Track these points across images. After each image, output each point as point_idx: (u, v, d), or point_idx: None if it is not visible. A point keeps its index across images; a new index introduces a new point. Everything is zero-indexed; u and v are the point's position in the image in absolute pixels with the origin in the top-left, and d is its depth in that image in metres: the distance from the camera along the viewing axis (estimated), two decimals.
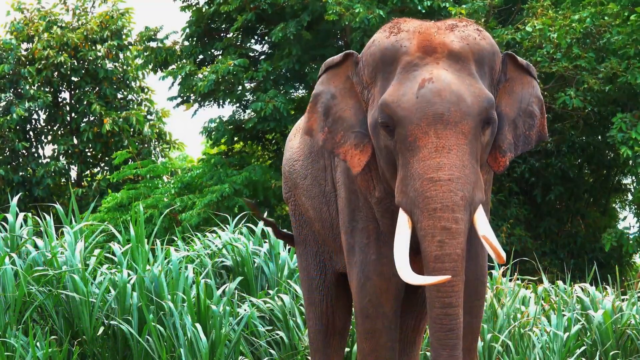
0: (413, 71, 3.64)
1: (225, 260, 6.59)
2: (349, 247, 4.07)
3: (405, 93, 3.61)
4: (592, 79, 10.76)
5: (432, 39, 3.68)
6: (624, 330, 6.46)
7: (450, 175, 3.53)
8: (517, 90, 3.87)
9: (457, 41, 3.67)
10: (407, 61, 3.66)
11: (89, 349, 5.53)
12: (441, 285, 3.53)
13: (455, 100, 3.56)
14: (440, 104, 3.56)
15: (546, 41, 10.83)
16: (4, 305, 5.44)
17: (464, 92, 3.58)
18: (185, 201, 12.43)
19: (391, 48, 3.71)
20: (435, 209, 3.52)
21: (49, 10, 15.98)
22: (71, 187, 9.88)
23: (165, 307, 5.57)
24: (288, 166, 4.70)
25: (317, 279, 4.64)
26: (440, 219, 3.52)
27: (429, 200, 3.53)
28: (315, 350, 4.72)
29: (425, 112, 3.56)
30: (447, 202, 3.52)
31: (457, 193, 3.53)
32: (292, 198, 4.73)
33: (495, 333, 6.01)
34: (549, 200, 12.68)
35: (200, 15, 13.53)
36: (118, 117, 15.14)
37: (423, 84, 3.59)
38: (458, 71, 3.63)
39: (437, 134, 3.55)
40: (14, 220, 6.09)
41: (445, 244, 3.52)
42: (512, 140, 3.84)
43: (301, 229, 4.70)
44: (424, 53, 3.66)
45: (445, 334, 3.57)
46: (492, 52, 3.75)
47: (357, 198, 4.02)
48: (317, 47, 12.89)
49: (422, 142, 3.56)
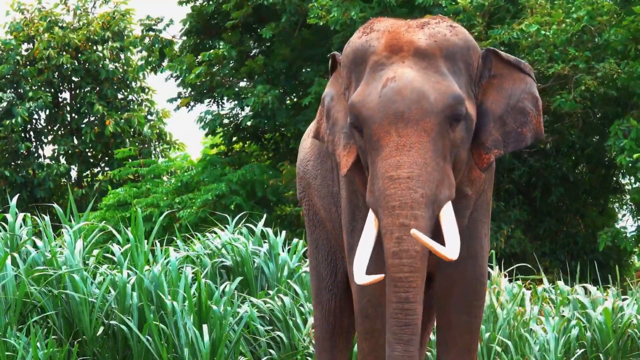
0: (380, 70, 3.65)
1: (225, 261, 6.59)
2: (349, 247, 4.08)
3: (370, 93, 3.62)
4: (589, 79, 10.75)
5: (400, 38, 3.67)
6: (625, 330, 6.46)
7: (409, 173, 3.53)
8: (507, 86, 3.84)
9: (424, 39, 3.66)
10: (375, 61, 3.67)
11: (89, 349, 5.54)
12: (398, 280, 3.53)
13: (416, 98, 3.56)
14: (401, 102, 3.56)
15: (542, 40, 10.83)
16: (4, 306, 5.44)
17: (427, 90, 3.57)
18: (184, 200, 12.44)
19: (361, 48, 3.73)
20: (394, 207, 3.53)
21: (49, 11, 15.98)
22: (70, 188, 9.86)
23: (168, 306, 5.57)
24: (302, 167, 4.71)
25: (327, 279, 4.63)
26: (399, 216, 3.52)
27: (389, 198, 3.54)
28: (321, 349, 4.72)
29: (386, 111, 3.57)
30: (405, 199, 3.52)
31: (416, 190, 3.52)
32: (306, 198, 4.74)
33: (493, 333, 6.01)
34: (548, 202, 12.68)
35: (200, 11, 13.55)
36: (120, 118, 15.15)
37: (386, 83, 3.59)
38: (424, 69, 3.61)
39: (399, 133, 3.56)
40: (14, 221, 6.09)
41: (403, 241, 3.52)
42: (500, 137, 3.81)
43: (314, 228, 4.71)
44: (390, 52, 3.66)
45: (400, 328, 3.56)
46: (465, 47, 3.71)
47: (357, 198, 4.02)
48: (309, 47, 12.94)
49: (385, 141, 3.58)
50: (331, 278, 4.60)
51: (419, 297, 3.57)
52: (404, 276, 3.53)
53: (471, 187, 3.94)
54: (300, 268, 6.58)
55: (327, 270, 4.65)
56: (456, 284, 3.97)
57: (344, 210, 4.13)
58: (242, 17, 12.81)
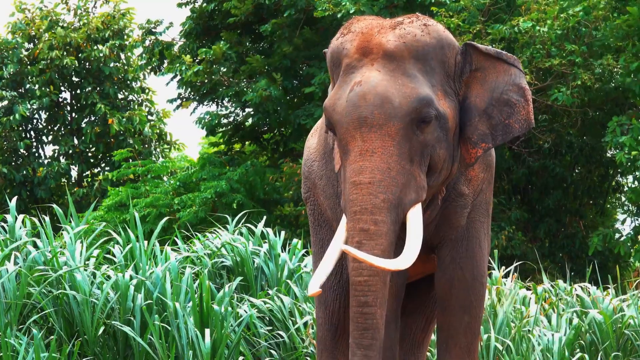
0: (351, 74, 3.67)
1: (225, 261, 6.60)
2: None
3: (339, 97, 3.65)
4: (586, 74, 10.75)
5: (371, 40, 3.68)
6: (623, 331, 6.47)
7: (371, 179, 3.55)
8: (490, 79, 3.83)
9: (392, 40, 3.65)
10: (347, 63, 3.69)
11: (89, 350, 5.54)
12: (357, 284, 3.55)
13: (379, 103, 3.56)
14: (365, 107, 3.57)
15: (537, 37, 10.83)
16: (5, 306, 5.45)
17: (392, 94, 3.57)
18: (184, 200, 12.44)
19: (337, 50, 3.75)
20: (355, 212, 3.56)
21: (50, 10, 16.00)
22: (69, 189, 9.88)
23: (170, 307, 5.57)
24: (307, 166, 4.71)
25: (332, 279, 4.63)
26: (359, 221, 3.55)
27: (351, 203, 3.58)
28: (323, 349, 4.71)
29: (351, 116, 3.59)
30: (365, 205, 3.54)
31: (377, 196, 3.54)
32: (312, 198, 4.74)
33: (493, 334, 6.01)
34: (547, 203, 12.68)
35: (199, 13, 13.56)
36: (122, 117, 15.16)
37: (353, 87, 3.61)
38: (392, 71, 3.61)
39: (363, 138, 3.58)
40: (14, 222, 6.10)
41: (362, 245, 3.54)
42: (487, 131, 3.80)
43: (319, 228, 4.71)
44: (361, 55, 3.67)
45: (360, 332, 3.58)
46: (438, 46, 3.70)
47: None
48: (312, 46, 12.93)
49: (351, 145, 3.61)
50: (336, 278, 4.61)
51: (379, 301, 3.58)
52: (362, 280, 3.55)
53: (468, 186, 3.94)
54: (300, 269, 6.58)
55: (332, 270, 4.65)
56: (456, 285, 3.98)
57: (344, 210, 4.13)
58: (243, 14, 12.80)
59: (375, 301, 3.57)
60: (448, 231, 3.95)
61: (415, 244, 3.55)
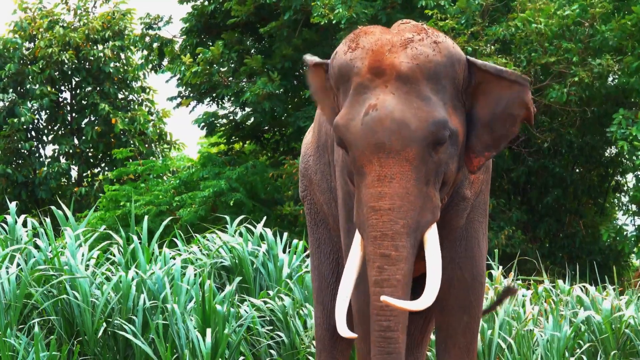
0: (363, 94, 3.64)
1: (224, 261, 6.61)
2: (346, 247, 4.08)
3: (353, 118, 3.63)
4: (583, 72, 10.74)
5: (383, 60, 3.65)
6: (623, 330, 6.48)
7: (391, 205, 3.57)
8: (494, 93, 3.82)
9: (406, 62, 3.63)
10: (358, 82, 3.66)
11: (89, 350, 5.55)
12: (379, 308, 3.59)
13: (397, 129, 3.56)
14: (382, 133, 3.57)
15: (533, 34, 10.82)
16: (5, 306, 5.46)
17: (409, 118, 3.57)
18: (184, 199, 12.45)
19: (346, 66, 3.72)
20: (376, 237, 3.58)
21: (50, 10, 16.01)
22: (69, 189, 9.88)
23: (169, 308, 5.58)
24: (303, 163, 4.72)
25: (329, 277, 4.64)
26: (380, 246, 3.58)
27: (371, 228, 3.59)
28: (321, 349, 4.72)
29: (368, 140, 3.59)
30: (386, 230, 3.57)
31: (397, 222, 3.57)
32: (309, 196, 4.74)
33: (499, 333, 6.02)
34: (547, 202, 12.68)
35: (200, 10, 13.56)
36: (124, 116, 15.17)
37: (368, 110, 3.60)
38: (406, 94, 3.61)
39: (380, 163, 3.59)
40: (14, 222, 6.11)
41: (384, 270, 3.57)
42: (490, 142, 3.82)
43: (316, 227, 4.71)
44: (373, 75, 3.64)
45: (382, 356, 3.62)
46: (449, 64, 3.69)
47: (351, 199, 4.03)
48: (311, 47, 12.93)
49: (368, 169, 3.61)
50: (333, 277, 4.61)
51: (401, 325, 3.62)
52: (384, 305, 3.56)
53: (470, 189, 3.96)
54: (301, 269, 6.59)
55: (329, 269, 4.65)
56: (455, 285, 3.99)
57: (340, 211, 4.14)
58: (245, 15, 12.80)
59: (397, 326, 3.61)
60: (447, 232, 3.95)
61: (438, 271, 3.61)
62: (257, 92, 12.30)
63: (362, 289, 3.93)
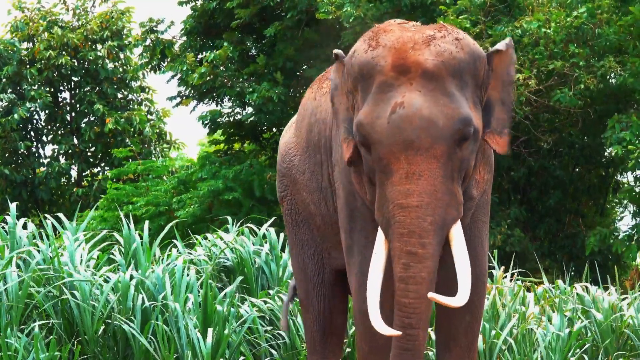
0: (388, 92, 3.63)
1: (226, 261, 6.60)
2: (348, 247, 4.08)
3: (379, 116, 3.62)
4: (588, 77, 10.75)
5: (407, 58, 3.65)
6: (623, 330, 6.48)
7: (419, 202, 3.57)
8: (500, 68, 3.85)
9: (431, 59, 3.64)
10: (382, 81, 3.65)
11: (89, 349, 5.54)
12: (403, 305, 3.60)
13: (425, 126, 3.57)
14: (411, 131, 3.57)
15: (542, 38, 10.83)
16: (6, 307, 5.45)
17: (436, 116, 3.58)
18: (183, 199, 12.45)
19: (367, 65, 3.70)
20: (403, 234, 3.58)
21: (49, 10, 15.99)
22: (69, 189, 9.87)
23: (170, 307, 5.57)
24: (286, 162, 4.69)
25: (314, 279, 4.64)
26: (407, 243, 3.58)
27: (398, 225, 3.59)
28: (312, 351, 4.72)
29: (396, 138, 3.58)
30: (414, 228, 3.57)
31: (425, 219, 3.57)
32: (289, 196, 4.72)
33: (498, 332, 6.02)
34: (547, 202, 12.68)
35: (200, 11, 13.55)
36: (120, 117, 15.15)
37: (395, 108, 3.59)
38: (432, 91, 3.61)
39: (408, 160, 3.58)
40: (14, 224, 6.10)
41: (410, 267, 3.58)
42: (505, 115, 3.84)
43: (297, 228, 4.70)
44: (397, 73, 3.64)
45: (400, 352, 3.65)
46: (472, 61, 3.72)
47: (355, 199, 4.02)
48: (313, 47, 12.92)
49: (394, 166, 3.61)
50: (319, 278, 4.61)
51: (422, 324, 3.64)
52: (408, 302, 3.59)
53: (476, 189, 3.97)
54: None
55: (314, 270, 4.65)
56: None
57: (341, 210, 4.12)
58: (248, 16, 12.79)
59: (419, 324, 3.62)
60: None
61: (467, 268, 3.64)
62: (263, 94, 12.31)
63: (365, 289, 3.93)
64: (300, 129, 4.56)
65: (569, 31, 10.74)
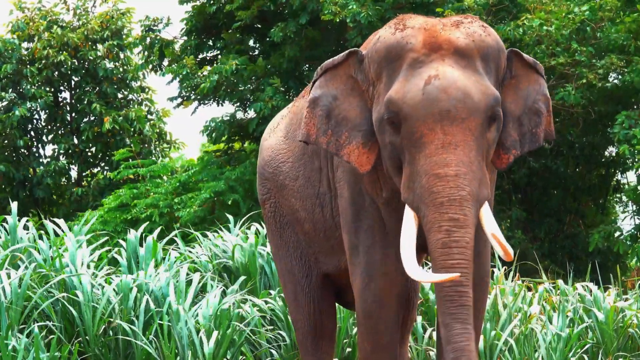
0: (419, 68, 3.63)
1: (228, 262, 6.60)
2: (352, 247, 4.06)
3: (410, 90, 3.60)
4: (591, 74, 10.73)
5: (438, 36, 3.66)
6: (626, 329, 6.48)
7: (457, 171, 3.53)
8: (523, 87, 3.86)
9: (462, 38, 3.66)
10: (413, 58, 3.65)
11: (90, 350, 5.54)
12: (450, 266, 3.54)
13: (462, 97, 3.55)
14: (447, 101, 3.55)
15: (544, 36, 10.82)
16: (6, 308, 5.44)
17: (471, 89, 3.57)
18: (184, 200, 12.44)
19: (396, 45, 3.69)
20: (442, 203, 3.53)
21: (49, 10, 15.99)
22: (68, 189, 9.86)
23: (172, 309, 5.57)
24: (271, 167, 4.65)
25: (302, 281, 4.62)
26: (448, 211, 3.53)
27: (436, 195, 3.54)
28: (304, 353, 4.71)
29: (431, 109, 3.56)
30: (453, 196, 3.53)
31: (464, 188, 3.53)
32: (272, 200, 4.70)
33: (498, 333, 6.01)
34: (548, 202, 12.68)
35: (201, 10, 13.53)
36: (118, 115, 15.14)
37: (429, 80, 3.58)
38: (464, 68, 3.62)
39: (444, 130, 3.55)
40: (14, 224, 6.09)
41: (453, 232, 3.54)
42: (517, 138, 3.83)
43: (283, 230, 4.67)
44: (429, 50, 3.65)
45: (457, 308, 3.57)
46: (497, 49, 3.74)
47: (363, 198, 4.00)
48: (314, 47, 12.90)
49: (429, 138, 3.56)
50: (307, 280, 4.60)
51: (470, 282, 3.59)
52: (455, 262, 3.53)
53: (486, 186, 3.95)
54: None
55: (302, 272, 4.63)
56: None
57: (345, 210, 4.11)
58: (248, 18, 12.77)
59: (468, 282, 3.58)
60: None
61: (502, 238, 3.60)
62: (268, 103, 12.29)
63: (373, 289, 3.92)
64: (294, 137, 4.51)
65: (570, 29, 10.74)
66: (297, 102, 4.63)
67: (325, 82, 3.93)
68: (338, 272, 4.48)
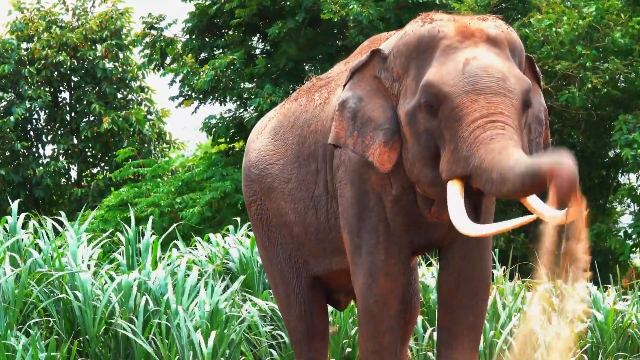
0: (453, 53, 3.65)
1: (228, 262, 6.59)
2: (355, 247, 4.05)
3: (449, 71, 3.61)
4: (595, 77, 10.73)
5: (469, 25, 3.71)
6: (626, 330, 6.48)
7: (504, 124, 3.50)
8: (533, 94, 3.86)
9: (493, 28, 3.71)
10: (447, 45, 3.67)
11: (90, 349, 5.53)
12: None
13: (502, 77, 3.57)
14: (488, 78, 3.56)
15: (552, 37, 10.82)
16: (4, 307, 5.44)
17: (507, 73, 3.60)
18: (186, 200, 12.43)
19: (428, 35, 3.71)
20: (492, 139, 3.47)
21: (48, 10, 15.99)
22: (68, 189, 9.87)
23: (171, 308, 5.56)
24: (258, 169, 4.63)
25: (293, 282, 4.61)
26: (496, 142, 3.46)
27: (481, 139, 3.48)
28: (298, 354, 4.71)
29: (474, 84, 3.56)
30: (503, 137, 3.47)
31: (512, 137, 3.48)
32: (259, 201, 4.68)
33: (497, 332, 6.01)
34: None
35: (202, 10, 13.54)
36: (117, 116, 15.14)
37: (467, 62, 3.60)
38: (497, 54, 3.65)
39: (487, 100, 3.54)
40: (15, 223, 6.09)
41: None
42: (526, 143, 3.82)
43: (270, 232, 4.66)
44: (462, 37, 3.68)
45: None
46: (520, 47, 3.79)
47: (368, 198, 3.99)
48: (315, 46, 12.91)
49: (472, 108, 3.54)
50: (297, 281, 4.59)
51: None
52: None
53: None
54: None
55: (292, 273, 4.62)
56: (462, 284, 3.97)
57: (347, 210, 4.09)
58: (247, 16, 12.77)
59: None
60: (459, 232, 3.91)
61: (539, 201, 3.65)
62: (267, 99, 12.29)
63: (375, 289, 3.92)
64: (285, 139, 4.49)
65: (577, 32, 10.74)
66: (287, 104, 4.62)
67: (353, 85, 3.94)
68: (328, 274, 4.48)
